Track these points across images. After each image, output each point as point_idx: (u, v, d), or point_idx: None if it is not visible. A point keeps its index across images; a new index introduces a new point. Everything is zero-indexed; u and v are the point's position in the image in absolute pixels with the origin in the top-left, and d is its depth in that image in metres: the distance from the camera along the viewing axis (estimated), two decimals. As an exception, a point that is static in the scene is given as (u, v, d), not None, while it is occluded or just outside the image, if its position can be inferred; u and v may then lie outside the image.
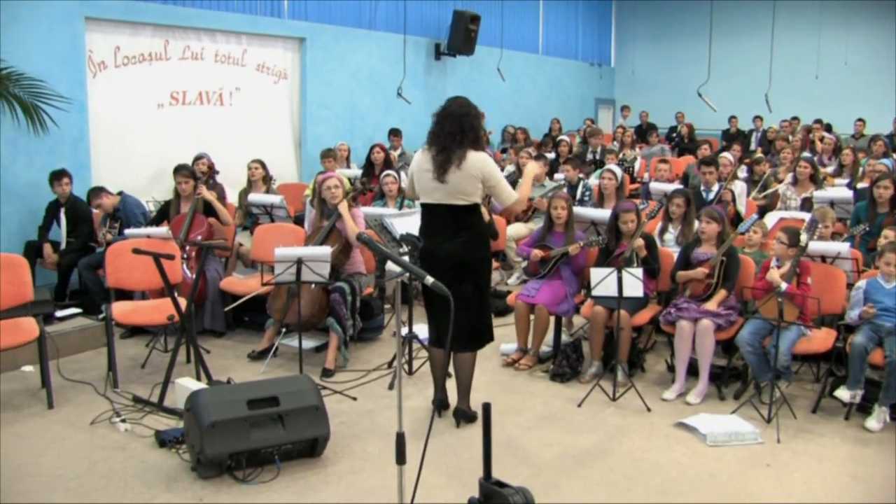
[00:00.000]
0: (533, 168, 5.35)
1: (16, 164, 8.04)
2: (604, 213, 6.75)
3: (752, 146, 15.16)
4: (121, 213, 7.53)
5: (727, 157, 9.28)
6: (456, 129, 4.69)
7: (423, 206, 4.90)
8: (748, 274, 5.84)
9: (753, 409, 5.25)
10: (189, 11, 9.85)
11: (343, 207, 6.36)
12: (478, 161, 4.71)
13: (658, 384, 5.85)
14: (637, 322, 5.92)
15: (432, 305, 5.00)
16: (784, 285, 5.28)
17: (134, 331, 6.97)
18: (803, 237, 5.52)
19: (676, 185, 8.56)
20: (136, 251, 5.27)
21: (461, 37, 13.87)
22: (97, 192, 7.66)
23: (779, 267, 5.52)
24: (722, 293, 5.68)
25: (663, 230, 6.80)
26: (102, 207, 7.58)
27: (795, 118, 15.91)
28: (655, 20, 20.14)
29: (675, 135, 16.01)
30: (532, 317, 6.22)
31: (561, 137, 12.92)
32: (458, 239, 4.76)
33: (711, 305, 5.62)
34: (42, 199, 7.86)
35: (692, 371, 5.69)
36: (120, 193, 7.74)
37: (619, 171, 7.96)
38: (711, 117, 15.97)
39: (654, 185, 8.58)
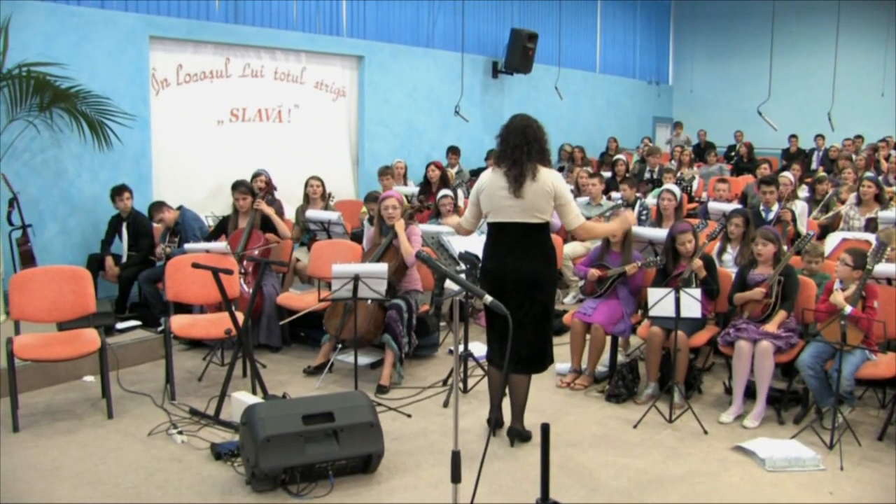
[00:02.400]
0: (625, 221, 5.35)
1: (81, 179, 8.26)
2: (662, 233, 6.67)
3: (814, 165, 14.89)
4: (180, 227, 7.67)
5: (787, 176, 9.13)
6: (521, 141, 4.71)
7: (493, 225, 4.88)
8: (809, 296, 5.72)
9: (814, 434, 5.13)
10: (249, 30, 10.03)
11: (399, 226, 6.41)
12: (550, 176, 4.74)
13: (715, 406, 5.75)
14: (694, 343, 5.84)
15: (495, 325, 4.99)
16: (848, 308, 5.15)
17: (192, 344, 7.07)
18: (869, 260, 5.38)
19: (735, 205, 8.43)
20: (196, 265, 5.35)
21: (519, 55, 13.89)
22: (158, 206, 7.82)
23: (843, 289, 5.40)
24: (781, 314, 5.56)
25: (722, 250, 6.70)
26: (164, 221, 7.73)
27: (859, 136, 15.57)
28: (714, 37, 19.94)
29: (733, 153, 15.80)
30: (588, 336, 6.18)
31: (618, 156, 12.84)
32: (529, 257, 4.75)
33: (771, 327, 5.50)
34: (105, 213, 8.04)
35: (750, 394, 5.58)
36: (179, 208, 7.90)
37: (678, 190, 7.87)
38: (771, 136, 15.73)
39: (713, 205, 8.47)
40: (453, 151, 12.36)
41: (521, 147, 4.70)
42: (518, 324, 4.65)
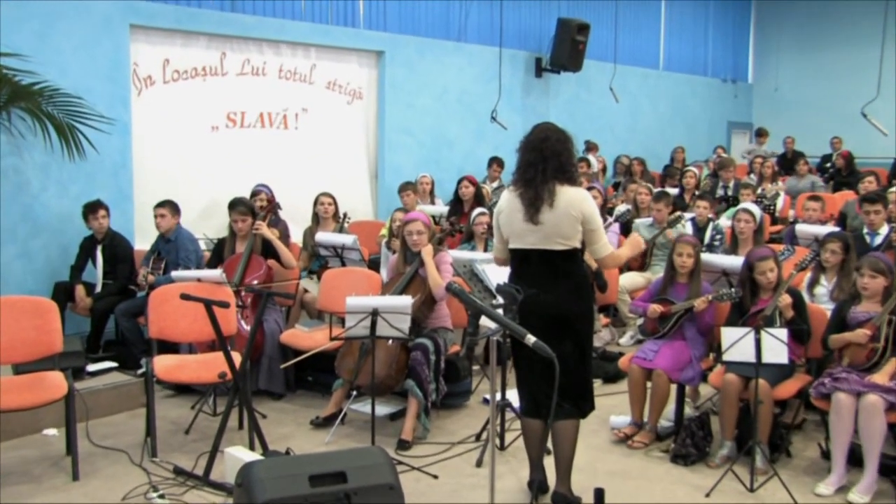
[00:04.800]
0: (635, 245, 5.32)
1: (46, 193, 8.32)
2: (737, 262, 6.65)
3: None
4: (170, 248, 7.70)
5: (899, 192, 9.07)
6: (536, 158, 4.77)
7: (514, 252, 4.95)
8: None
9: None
10: (249, 20, 10.12)
11: (427, 252, 6.46)
12: (576, 198, 4.75)
13: (809, 474, 5.68)
14: (780, 395, 5.79)
15: (524, 367, 5.00)
16: None
17: (178, 390, 7.14)
18: None
19: (831, 228, 8.38)
20: (185, 297, 5.38)
21: (567, 50, 13.94)
22: (166, 206, 7.81)
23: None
24: (893, 363, 5.46)
25: (814, 282, 6.66)
26: (161, 227, 7.73)
27: None
28: (807, 26, 19.74)
29: (829, 165, 15.64)
30: (649, 384, 6.16)
31: (686, 168, 12.83)
32: (555, 290, 4.79)
33: (880, 378, 5.36)
34: (76, 233, 8.11)
35: (854, 460, 5.45)
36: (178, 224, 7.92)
37: (757, 210, 7.85)
38: (879, 143, 15.46)
39: (802, 227, 8.42)
40: (497, 163, 12.42)
41: (535, 165, 4.76)
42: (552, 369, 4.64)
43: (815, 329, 5.90)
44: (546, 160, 4.74)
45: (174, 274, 6.95)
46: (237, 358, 5.55)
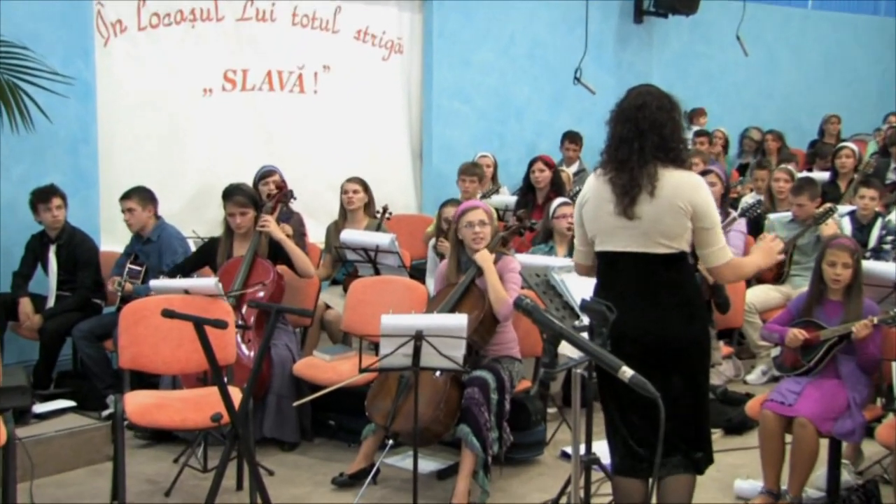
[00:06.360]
0: (769, 252, 5.25)
1: (-22, 176, 8.35)
2: (915, 272, 6.62)
3: None
4: (152, 249, 7.79)
5: None
6: (630, 132, 4.77)
7: (602, 256, 4.97)
8: None
9: None
10: (253, -54, 10.18)
11: (485, 258, 6.48)
12: (685, 185, 4.75)
13: None
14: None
15: (617, 410, 4.99)
16: None
17: (157, 438, 7.18)
18: None
19: None
20: (168, 314, 5.38)
21: (678, -15, 13.95)
22: (136, 194, 7.87)
23: None
24: None
25: None
26: (132, 224, 7.82)
27: None
28: None
29: None
30: (788, 438, 6.12)
31: (843, 145, 12.69)
32: (656, 308, 4.79)
33: None
34: (20, 230, 8.17)
35: None
36: (158, 218, 8.02)
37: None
38: None
39: None
40: (571, 139, 12.39)
41: (629, 141, 4.76)
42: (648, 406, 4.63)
43: None
44: (643, 134, 4.73)
45: (153, 284, 6.96)
46: (236, 395, 5.60)
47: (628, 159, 4.74)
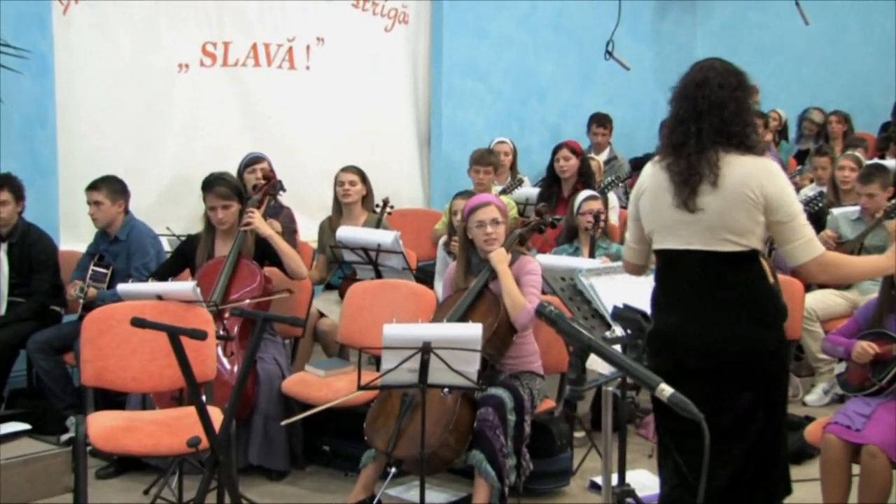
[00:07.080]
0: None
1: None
2: None
3: None
4: (120, 249, 7.80)
5: None
6: (688, 113, 4.75)
7: (661, 255, 4.96)
8: None
9: None
10: None
11: (499, 258, 6.48)
12: (755, 173, 4.70)
13: None
14: None
15: (672, 432, 4.92)
16: None
17: (125, 465, 7.19)
18: None
19: None
20: (138, 322, 5.39)
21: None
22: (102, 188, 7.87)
23: None
24: None
25: None
26: (98, 219, 7.81)
27: None
28: None
29: None
30: (856, 467, 6.10)
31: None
32: (724, 314, 4.76)
33: None
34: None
35: None
36: (127, 212, 8.01)
37: None
38: None
39: None
40: (599, 123, 12.37)
41: (685, 123, 4.74)
42: (718, 434, 4.60)
43: None
44: (701, 116, 4.71)
45: (121, 288, 6.96)
46: (216, 417, 5.59)
47: (684, 143, 4.72)
